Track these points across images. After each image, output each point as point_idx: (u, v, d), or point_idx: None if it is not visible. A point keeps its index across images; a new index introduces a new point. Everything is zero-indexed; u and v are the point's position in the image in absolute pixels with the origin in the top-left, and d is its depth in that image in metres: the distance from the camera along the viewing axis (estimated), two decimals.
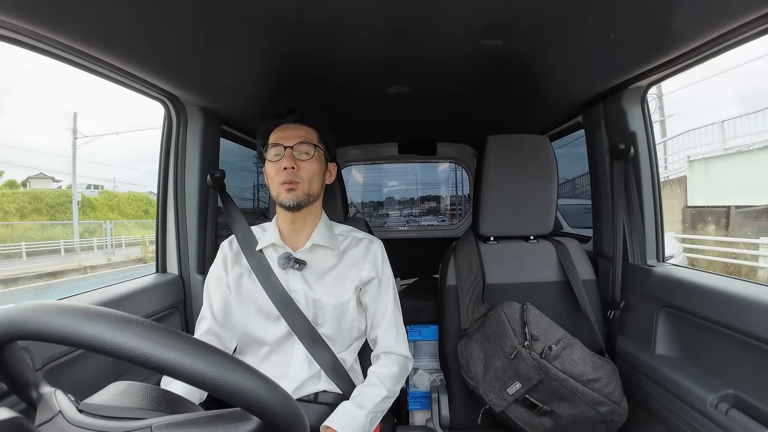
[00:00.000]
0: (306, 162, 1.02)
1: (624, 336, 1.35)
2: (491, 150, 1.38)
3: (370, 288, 1.11)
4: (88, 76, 1.10)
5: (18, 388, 0.52)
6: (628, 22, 0.96)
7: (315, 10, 0.92)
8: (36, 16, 0.78)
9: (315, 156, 1.04)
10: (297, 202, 1.01)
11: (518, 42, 1.11)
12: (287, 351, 1.05)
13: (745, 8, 0.83)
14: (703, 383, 1.02)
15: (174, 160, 1.40)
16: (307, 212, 1.07)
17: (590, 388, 1.13)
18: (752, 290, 0.95)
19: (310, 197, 1.04)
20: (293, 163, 1.00)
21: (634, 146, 1.33)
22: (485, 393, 1.23)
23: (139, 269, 12.09)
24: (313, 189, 1.04)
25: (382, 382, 1.04)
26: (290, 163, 1.00)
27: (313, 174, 1.04)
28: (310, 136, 1.05)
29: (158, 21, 0.89)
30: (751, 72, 45.41)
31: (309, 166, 1.03)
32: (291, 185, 1.00)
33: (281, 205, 1.03)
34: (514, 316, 1.24)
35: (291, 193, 1.01)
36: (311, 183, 1.03)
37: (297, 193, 1.01)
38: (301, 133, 1.04)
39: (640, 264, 1.33)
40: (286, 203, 1.01)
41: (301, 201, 1.02)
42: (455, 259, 1.41)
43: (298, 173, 1.01)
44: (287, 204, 1.01)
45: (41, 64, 39.82)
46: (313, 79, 1.38)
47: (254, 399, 0.42)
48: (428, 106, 1.81)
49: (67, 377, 0.92)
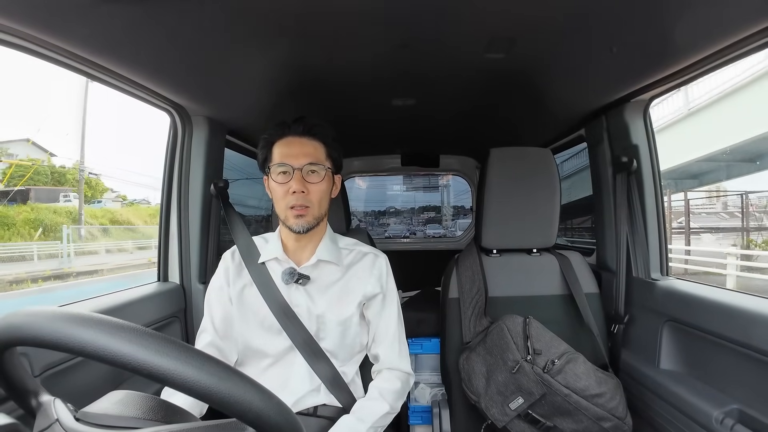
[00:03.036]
0: (315, 185, 0.99)
1: (628, 350, 1.33)
2: (494, 162, 1.38)
3: (373, 303, 1.10)
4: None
5: (16, 394, 0.52)
6: (630, 37, 0.97)
7: (320, 22, 0.94)
8: (45, 25, 0.79)
9: (325, 177, 1.01)
10: (307, 227, 0.99)
11: (521, 56, 1.12)
12: (288, 363, 1.04)
13: (747, 22, 0.84)
14: (709, 398, 1.00)
15: (178, 169, 1.41)
16: (314, 230, 1.05)
17: (594, 404, 1.11)
18: (758, 304, 0.94)
19: (319, 219, 1.02)
20: (303, 186, 0.97)
21: (637, 159, 1.33)
22: (487, 408, 1.21)
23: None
24: (322, 211, 1.02)
25: (383, 397, 1.03)
26: (300, 187, 0.96)
27: (323, 195, 1.01)
28: (318, 153, 1.01)
29: (165, 32, 0.90)
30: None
31: (318, 189, 1.00)
32: (301, 211, 0.97)
33: (290, 229, 1.01)
34: (517, 330, 1.22)
35: (301, 219, 0.98)
36: (321, 205, 1.01)
37: (307, 218, 0.99)
38: (309, 151, 1.00)
39: (643, 277, 1.32)
40: (296, 229, 0.99)
41: (311, 225, 1.00)
42: (457, 271, 1.41)
43: (307, 197, 0.98)
44: (297, 230, 0.99)
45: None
46: (317, 91, 1.40)
47: (248, 409, 0.41)
48: (431, 118, 1.83)
49: (65, 384, 0.91)
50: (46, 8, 0.75)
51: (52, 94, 48.12)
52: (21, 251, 15.17)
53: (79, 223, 18.04)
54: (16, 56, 9.21)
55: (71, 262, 15.31)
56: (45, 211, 17.89)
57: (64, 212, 18.60)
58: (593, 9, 0.88)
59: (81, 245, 17.43)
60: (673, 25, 0.90)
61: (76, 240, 17.45)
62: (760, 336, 0.89)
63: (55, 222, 17.46)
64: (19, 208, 17.55)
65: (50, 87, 47.99)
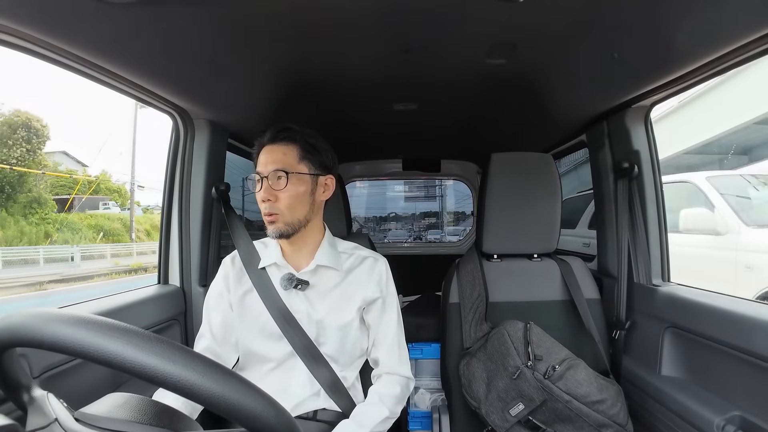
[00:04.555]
0: (282, 191, 0.98)
1: (629, 356, 1.32)
2: (495, 167, 1.38)
3: (373, 308, 1.09)
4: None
5: (14, 395, 0.51)
6: (631, 43, 0.98)
7: (322, 27, 0.94)
8: (49, 27, 0.80)
9: (291, 181, 0.98)
10: (279, 234, 0.99)
11: (522, 61, 1.13)
12: (289, 368, 1.04)
13: (748, 28, 0.84)
14: (710, 405, 0.99)
15: (180, 171, 1.41)
16: (303, 234, 1.04)
17: (595, 410, 1.11)
18: (759, 310, 0.94)
19: (294, 225, 1.01)
20: (269, 194, 0.97)
21: (638, 165, 1.33)
22: (487, 414, 1.20)
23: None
24: (295, 216, 1.00)
25: (383, 402, 1.02)
26: (266, 196, 0.97)
27: (293, 201, 0.99)
28: (287, 158, 0.99)
29: (168, 35, 0.90)
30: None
31: (286, 195, 0.98)
32: (271, 218, 0.98)
33: (268, 235, 1.02)
34: (517, 335, 1.22)
35: (272, 226, 0.99)
36: (292, 210, 0.99)
37: (277, 225, 0.99)
38: (277, 157, 0.99)
39: (645, 283, 1.32)
40: (270, 235, 1.00)
41: (283, 232, 0.99)
42: (458, 276, 1.40)
43: (275, 205, 0.98)
44: (271, 236, 1.00)
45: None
46: (319, 95, 1.40)
47: (249, 414, 0.41)
48: (433, 123, 1.83)
49: (64, 386, 0.91)
50: (50, 11, 0.75)
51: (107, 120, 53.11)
52: (99, 251, 18.35)
53: (131, 228, 21.16)
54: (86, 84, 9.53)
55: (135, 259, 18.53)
56: (101, 218, 21.28)
57: (116, 219, 21.86)
58: (594, 15, 0.88)
59: (129, 245, 20.51)
60: (675, 31, 0.90)
61: (128, 241, 20.75)
62: (761, 342, 0.88)
63: (111, 227, 20.85)
64: (77, 215, 20.64)
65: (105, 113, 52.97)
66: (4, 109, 20.57)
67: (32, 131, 18.23)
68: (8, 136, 17.75)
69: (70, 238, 18.82)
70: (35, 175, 19.27)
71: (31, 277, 12.67)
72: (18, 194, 18.39)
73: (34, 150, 18.69)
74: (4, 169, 17.77)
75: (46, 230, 18.40)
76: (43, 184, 20.07)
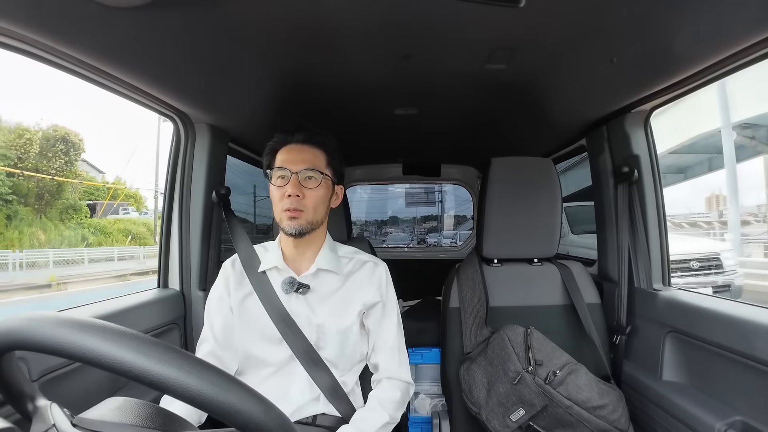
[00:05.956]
0: (312, 190, 1.00)
1: (630, 361, 1.32)
2: (495, 172, 1.38)
3: (373, 312, 1.09)
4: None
5: (13, 398, 0.51)
6: (631, 47, 0.98)
7: (324, 32, 0.95)
8: (51, 31, 0.80)
9: (322, 183, 1.02)
10: (299, 231, 1.00)
11: (522, 66, 1.13)
12: (289, 373, 1.04)
13: (747, 32, 0.84)
14: (711, 410, 0.99)
15: (181, 175, 1.42)
16: (311, 237, 1.05)
17: (596, 415, 1.10)
18: (760, 315, 0.94)
19: (314, 225, 1.02)
20: (298, 190, 0.98)
21: (638, 169, 1.33)
22: (488, 419, 1.20)
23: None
24: (317, 217, 1.02)
25: (383, 407, 1.02)
26: (295, 191, 0.98)
27: (318, 202, 1.02)
28: (317, 160, 1.03)
29: (170, 40, 0.91)
30: None
31: (314, 194, 1.01)
32: (294, 213, 0.98)
33: (283, 231, 1.02)
34: (518, 340, 1.21)
35: (294, 222, 0.99)
36: (316, 211, 1.01)
37: (300, 221, 0.99)
38: (308, 157, 1.02)
39: (645, 288, 1.32)
40: (288, 231, 1.00)
41: (304, 229, 1.00)
42: (458, 281, 1.40)
43: (302, 201, 0.99)
44: (289, 232, 1.00)
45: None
46: (320, 100, 1.41)
47: (248, 419, 0.41)
48: (433, 127, 1.83)
49: (63, 389, 0.90)
50: (52, 14, 0.75)
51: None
52: (130, 253, 19.64)
53: (154, 231, 22.11)
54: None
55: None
56: (126, 222, 22.99)
57: (140, 223, 23.61)
58: (594, 20, 0.89)
59: (154, 247, 22.03)
60: (674, 36, 0.90)
61: (153, 243, 21.68)
62: (762, 347, 0.88)
63: (137, 231, 22.50)
64: (106, 220, 22.59)
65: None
66: (43, 124, 22.97)
67: (69, 144, 20.02)
68: (48, 149, 19.46)
69: (104, 240, 20.66)
70: (71, 184, 20.75)
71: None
72: (56, 200, 20.03)
73: (71, 161, 20.58)
74: (44, 179, 19.40)
75: (83, 234, 20.10)
76: (77, 193, 21.50)
